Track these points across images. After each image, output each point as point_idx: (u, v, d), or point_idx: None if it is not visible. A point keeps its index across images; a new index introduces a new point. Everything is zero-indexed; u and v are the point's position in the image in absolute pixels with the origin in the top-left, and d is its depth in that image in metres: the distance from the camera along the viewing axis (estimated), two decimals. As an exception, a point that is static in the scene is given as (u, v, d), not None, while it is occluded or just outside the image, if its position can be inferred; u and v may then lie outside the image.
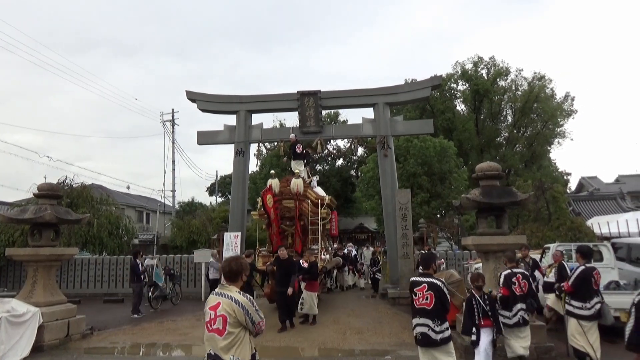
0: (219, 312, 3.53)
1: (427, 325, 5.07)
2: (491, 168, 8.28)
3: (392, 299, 13.54)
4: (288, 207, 12.74)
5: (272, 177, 13.14)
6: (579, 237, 14.99)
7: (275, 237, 12.59)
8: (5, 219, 9.69)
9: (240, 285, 3.74)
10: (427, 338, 5.09)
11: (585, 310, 6.44)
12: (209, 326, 3.53)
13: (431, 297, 5.07)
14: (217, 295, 3.64)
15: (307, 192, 13.18)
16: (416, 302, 5.17)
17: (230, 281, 3.70)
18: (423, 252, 12.67)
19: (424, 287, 5.13)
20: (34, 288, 9.06)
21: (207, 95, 17.05)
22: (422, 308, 5.11)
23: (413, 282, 5.31)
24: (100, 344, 9.06)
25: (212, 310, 3.56)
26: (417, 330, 5.16)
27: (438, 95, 32.86)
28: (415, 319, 5.22)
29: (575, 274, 6.66)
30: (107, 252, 19.52)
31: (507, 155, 32.18)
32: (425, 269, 5.37)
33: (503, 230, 8.08)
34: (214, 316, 3.53)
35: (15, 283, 17.81)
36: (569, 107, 34.86)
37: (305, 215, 12.77)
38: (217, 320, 3.51)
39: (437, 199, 25.92)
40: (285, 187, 13.00)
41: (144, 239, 30.67)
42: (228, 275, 3.72)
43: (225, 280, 3.74)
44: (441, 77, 17.68)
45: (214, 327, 3.51)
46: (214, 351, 3.48)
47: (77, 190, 20.23)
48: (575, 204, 26.86)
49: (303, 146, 15.02)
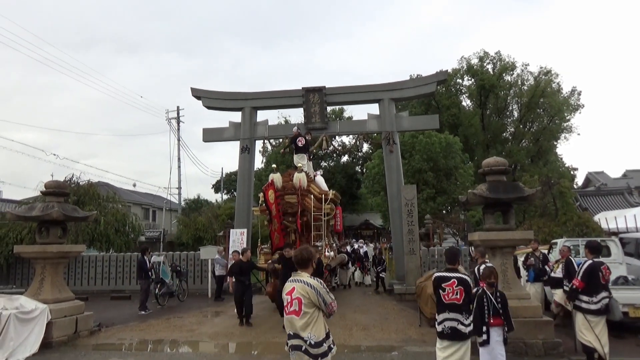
0: (294, 296, 3.99)
1: (457, 320, 5.21)
2: (498, 163, 8.24)
3: (399, 295, 13.52)
4: (290, 203, 12.34)
5: (273, 172, 12.75)
6: (586, 233, 14.91)
7: (277, 233, 12.16)
8: (13, 217, 9.77)
9: (310, 272, 4.15)
10: (456, 332, 5.22)
11: (593, 304, 6.37)
12: (287, 309, 4.02)
13: (461, 292, 5.22)
14: (291, 282, 4.09)
15: (311, 187, 12.75)
16: (445, 297, 5.27)
17: (302, 268, 4.15)
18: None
19: (453, 282, 5.25)
20: (42, 285, 9.12)
21: (213, 92, 17.06)
22: (452, 303, 5.23)
23: (440, 277, 5.38)
24: (108, 341, 9.10)
25: (288, 295, 4.03)
26: (446, 324, 5.25)
27: (444, 90, 32.72)
28: (443, 314, 5.30)
29: (582, 268, 6.58)
30: (114, 250, 19.61)
31: (513, 150, 32.03)
32: (452, 264, 5.47)
33: (510, 226, 8.05)
34: (290, 300, 4.00)
35: (23, 280, 17.94)
36: (575, 101, 34.68)
37: (308, 211, 12.35)
38: (293, 303, 3.98)
39: (442, 195, 25.86)
40: (288, 182, 12.58)
41: (151, 236, 30.80)
42: (299, 263, 4.17)
43: (297, 267, 4.17)
44: (447, 73, 17.59)
45: (291, 310, 3.98)
46: (293, 331, 3.97)
47: (84, 187, 20.34)
48: (582, 199, 26.72)
49: (305, 138, 14.37)
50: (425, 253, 15.49)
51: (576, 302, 6.62)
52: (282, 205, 12.23)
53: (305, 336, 3.91)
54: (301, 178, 12.38)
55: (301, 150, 14.00)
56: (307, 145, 14.24)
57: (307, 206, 12.31)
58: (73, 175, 20.84)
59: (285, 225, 12.31)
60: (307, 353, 3.90)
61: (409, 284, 13.30)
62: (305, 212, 12.33)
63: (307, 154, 14.21)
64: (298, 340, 3.95)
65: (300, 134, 14.42)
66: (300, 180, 12.35)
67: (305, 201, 12.34)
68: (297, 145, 14.04)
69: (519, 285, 7.94)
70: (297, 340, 3.95)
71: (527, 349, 7.16)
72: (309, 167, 14.12)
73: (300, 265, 4.17)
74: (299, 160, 13.75)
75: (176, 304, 13.98)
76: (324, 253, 12.05)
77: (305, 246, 4.41)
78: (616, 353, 6.67)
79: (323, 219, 12.50)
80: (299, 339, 3.94)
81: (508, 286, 7.83)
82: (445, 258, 5.71)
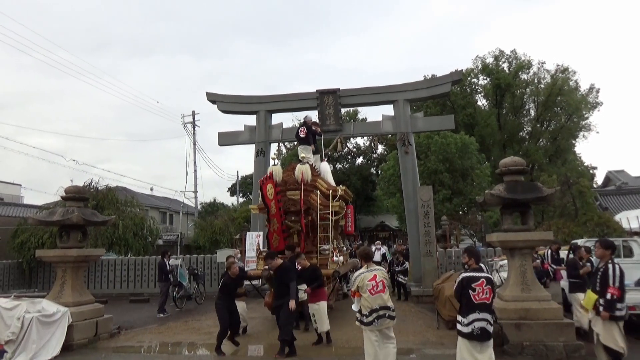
0: (378, 279, 5.82)
1: (487, 320, 5.23)
2: (515, 163, 8.15)
3: (416, 297, 13.42)
4: (293, 200, 10.71)
5: (273, 164, 11.31)
6: (607, 233, 14.65)
7: (277, 235, 10.61)
8: (35, 222, 9.98)
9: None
10: (486, 332, 5.24)
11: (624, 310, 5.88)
12: (373, 290, 5.74)
13: (490, 291, 5.27)
14: (369, 271, 5.90)
15: (317, 182, 11.14)
16: (475, 297, 5.27)
17: (369, 261, 6.20)
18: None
19: (482, 282, 5.31)
20: (63, 288, 9.28)
21: (227, 97, 17.20)
22: (482, 303, 5.26)
23: (470, 277, 5.40)
24: (127, 343, 9.22)
25: (372, 280, 5.78)
26: (477, 325, 5.23)
27: (459, 90, 32.39)
28: (472, 314, 5.27)
29: (615, 273, 5.86)
30: (132, 253, 19.88)
31: (530, 150, 31.58)
32: (478, 264, 5.58)
33: (528, 227, 7.96)
34: (375, 283, 5.78)
35: (45, 284, 18.29)
36: (594, 99, 34.03)
37: (313, 209, 10.67)
38: (379, 285, 5.80)
39: (459, 196, 25.62)
40: (290, 176, 11.04)
41: (168, 239, 31.14)
42: (366, 257, 6.30)
43: (365, 261, 6.23)
44: (461, 72, 17.41)
45: (379, 289, 5.77)
46: (382, 305, 5.76)
47: (103, 192, 20.67)
48: (603, 199, 26.21)
49: (307, 127, 12.42)
50: (442, 255, 15.36)
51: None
52: (283, 203, 10.64)
53: (390, 305, 5.84)
54: (304, 170, 10.78)
55: (304, 142, 12.27)
56: (310, 135, 12.38)
57: (312, 203, 10.69)
58: (92, 180, 21.22)
59: (287, 225, 10.68)
60: (391, 317, 5.81)
61: (426, 285, 13.19)
62: (310, 211, 10.70)
63: (312, 145, 12.41)
64: (385, 310, 5.75)
65: (306, 122, 12.75)
66: (303, 172, 10.74)
67: (311, 198, 10.72)
68: (299, 137, 12.40)
69: (538, 287, 7.81)
70: (384, 311, 5.74)
71: (548, 351, 7.04)
72: (316, 162, 12.53)
73: (366, 259, 6.23)
74: (303, 152, 12.08)
75: (194, 306, 14.10)
76: (332, 258, 10.48)
77: (365, 246, 5.99)
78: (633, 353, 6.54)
79: (331, 219, 10.76)
80: (386, 309, 5.77)
81: (527, 288, 7.73)
82: (471, 257, 5.65)
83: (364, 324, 5.80)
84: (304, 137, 12.24)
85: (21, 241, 18.37)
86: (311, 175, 10.99)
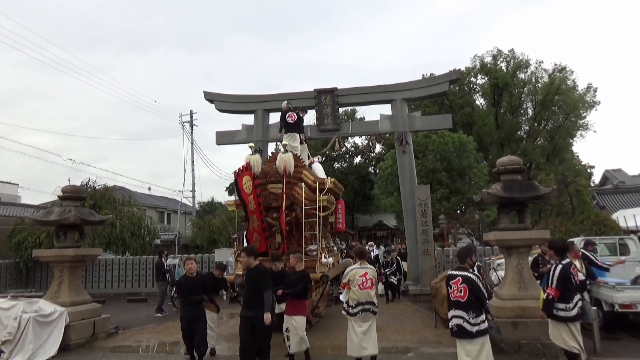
0: (368, 277, 6.31)
1: (462, 317, 5.33)
2: (512, 162, 8.17)
3: (413, 296, 13.44)
4: (275, 194, 9.49)
5: (251, 153, 9.87)
6: (604, 231, 14.68)
7: (257, 234, 9.24)
8: (32, 221, 9.98)
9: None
10: (462, 330, 5.34)
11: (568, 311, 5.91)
12: (362, 286, 6.23)
13: (465, 289, 5.34)
14: (362, 268, 6.36)
15: (302, 173, 9.84)
16: (451, 294, 5.46)
17: (363, 259, 6.62)
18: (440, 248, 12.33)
19: (458, 280, 5.42)
20: (60, 288, 9.26)
21: (225, 96, 17.17)
22: (456, 300, 5.40)
23: (449, 275, 5.63)
24: (125, 343, 9.21)
25: (362, 277, 6.26)
26: (453, 322, 5.42)
27: (457, 89, 32.48)
28: (451, 311, 5.48)
29: (555, 274, 5.94)
30: (130, 253, 19.85)
31: (528, 149, 31.67)
32: (461, 263, 5.67)
33: (525, 225, 7.98)
34: (365, 280, 6.26)
35: (42, 284, 18.26)
36: (591, 98, 34.18)
37: (297, 204, 9.39)
38: (368, 282, 6.27)
39: (457, 195, 25.67)
40: (271, 167, 9.81)
41: (166, 239, 31.06)
42: (360, 255, 6.72)
43: (359, 258, 6.63)
44: (459, 72, 17.40)
45: (367, 286, 6.28)
46: (368, 299, 6.28)
47: (100, 191, 20.65)
48: (600, 197, 26.26)
49: (297, 113, 11.40)
50: (439, 253, 15.37)
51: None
52: (263, 197, 9.35)
53: (375, 302, 6.35)
54: (286, 160, 9.46)
55: (292, 129, 11.10)
56: (299, 122, 11.37)
57: (296, 198, 9.37)
58: (89, 179, 21.18)
59: (268, 223, 9.34)
60: (374, 312, 6.34)
61: (424, 284, 13.23)
62: (294, 206, 9.44)
63: (300, 134, 11.26)
64: (370, 305, 6.29)
65: (290, 108, 11.54)
66: (285, 162, 9.42)
67: (295, 191, 9.42)
68: (288, 122, 11.16)
69: (535, 285, 7.83)
70: (369, 306, 6.28)
71: (545, 349, 7.05)
72: (303, 152, 11.25)
73: (360, 257, 6.63)
74: (289, 140, 10.70)
75: (192, 306, 14.06)
76: (320, 259, 9.21)
77: (360, 245, 6.18)
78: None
79: (318, 215, 9.33)
80: (371, 305, 6.30)
81: (524, 286, 7.75)
82: (457, 257, 5.94)
83: (350, 314, 6.35)
84: (292, 123, 11.12)
85: (18, 241, 18.32)
86: (293, 165, 9.66)
